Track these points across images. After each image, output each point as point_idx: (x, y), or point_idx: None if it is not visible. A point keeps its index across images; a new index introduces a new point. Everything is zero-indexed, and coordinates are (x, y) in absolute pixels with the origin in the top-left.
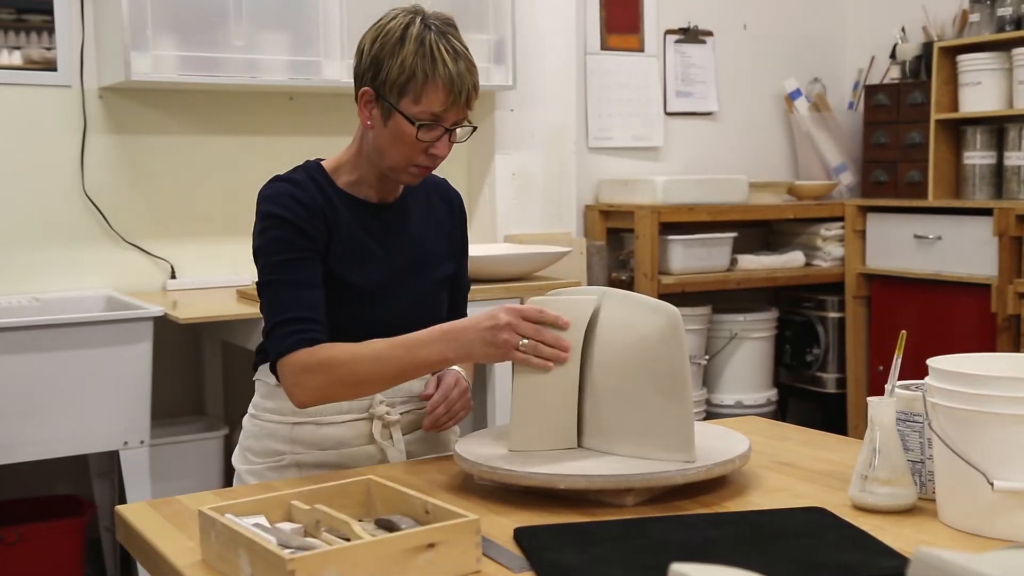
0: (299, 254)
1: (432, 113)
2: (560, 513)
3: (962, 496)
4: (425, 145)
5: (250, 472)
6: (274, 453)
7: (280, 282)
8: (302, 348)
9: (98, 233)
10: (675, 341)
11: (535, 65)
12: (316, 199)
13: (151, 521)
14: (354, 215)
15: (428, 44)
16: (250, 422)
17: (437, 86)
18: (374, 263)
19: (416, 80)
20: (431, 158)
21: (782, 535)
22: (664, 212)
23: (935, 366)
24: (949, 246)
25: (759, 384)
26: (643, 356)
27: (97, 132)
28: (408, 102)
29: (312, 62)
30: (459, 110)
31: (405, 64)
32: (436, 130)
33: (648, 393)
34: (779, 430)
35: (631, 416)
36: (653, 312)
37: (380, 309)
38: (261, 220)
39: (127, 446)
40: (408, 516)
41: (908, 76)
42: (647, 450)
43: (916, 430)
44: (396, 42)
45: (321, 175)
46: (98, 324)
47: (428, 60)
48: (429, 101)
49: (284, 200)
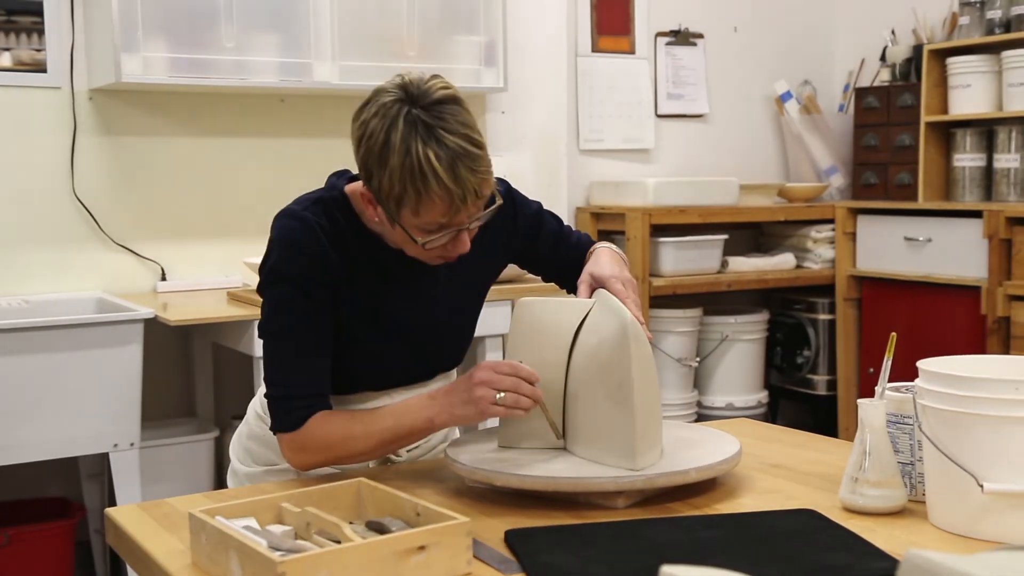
0: (304, 318)
1: (437, 223)
2: (551, 515)
3: (952, 498)
4: (439, 248)
5: (248, 476)
6: (274, 462)
7: (284, 349)
8: (299, 427)
9: (88, 235)
10: (623, 348)
11: (526, 67)
12: (327, 248)
13: (141, 524)
14: (373, 261)
15: (415, 155)
16: (256, 422)
17: (434, 200)
18: (393, 313)
19: (409, 196)
20: (451, 253)
21: (773, 537)
22: (655, 214)
23: (925, 368)
24: (939, 248)
25: (750, 386)
26: (599, 361)
27: (87, 134)
28: (408, 215)
29: (303, 64)
30: (469, 209)
31: (394, 179)
32: (447, 233)
33: (599, 398)
34: (770, 432)
35: (589, 420)
36: (612, 317)
37: (396, 359)
38: (266, 271)
39: (117, 448)
40: (399, 518)
41: (898, 78)
42: (600, 455)
43: (906, 432)
44: (380, 150)
45: (343, 209)
46: (88, 326)
47: (418, 176)
48: (430, 214)
49: (291, 251)
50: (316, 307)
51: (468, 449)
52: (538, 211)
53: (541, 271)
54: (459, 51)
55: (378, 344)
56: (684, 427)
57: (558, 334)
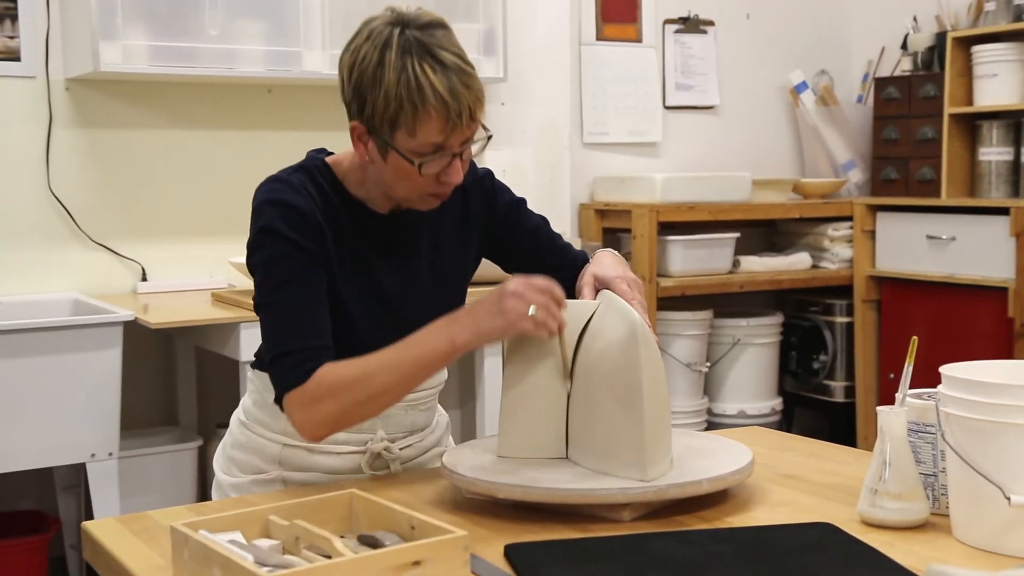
0: (298, 274)
1: (432, 143)
2: (553, 528)
3: (977, 511)
4: (433, 177)
5: (234, 487)
6: (260, 470)
7: (278, 307)
8: (307, 380)
9: (64, 233)
10: (632, 351)
11: (527, 56)
12: (314, 207)
13: (120, 538)
14: (359, 227)
15: (411, 69)
16: (239, 429)
17: (430, 115)
18: (380, 279)
19: (405, 113)
20: (443, 185)
21: (787, 552)
22: (663, 211)
23: (949, 374)
24: (963, 247)
25: (763, 393)
26: (606, 366)
27: (63, 126)
28: (403, 136)
29: (292, 52)
30: (463, 130)
31: (389, 96)
32: (442, 159)
33: (607, 405)
34: (784, 441)
35: (595, 428)
36: (620, 319)
37: (384, 328)
38: (255, 233)
39: (95, 458)
40: (393, 532)
41: (920, 68)
42: (607, 465)
43: (928, 441)
44: (375, 71)
45: (326, 176)
46: (64, 329)
47: (414, 88)
48: (426, 132)
49: (280, 209)
50: (311, 261)
51: (466, 459)
52: (519, 202)
53: (521, 268)
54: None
55: (367, 315)
56: (693, 436)
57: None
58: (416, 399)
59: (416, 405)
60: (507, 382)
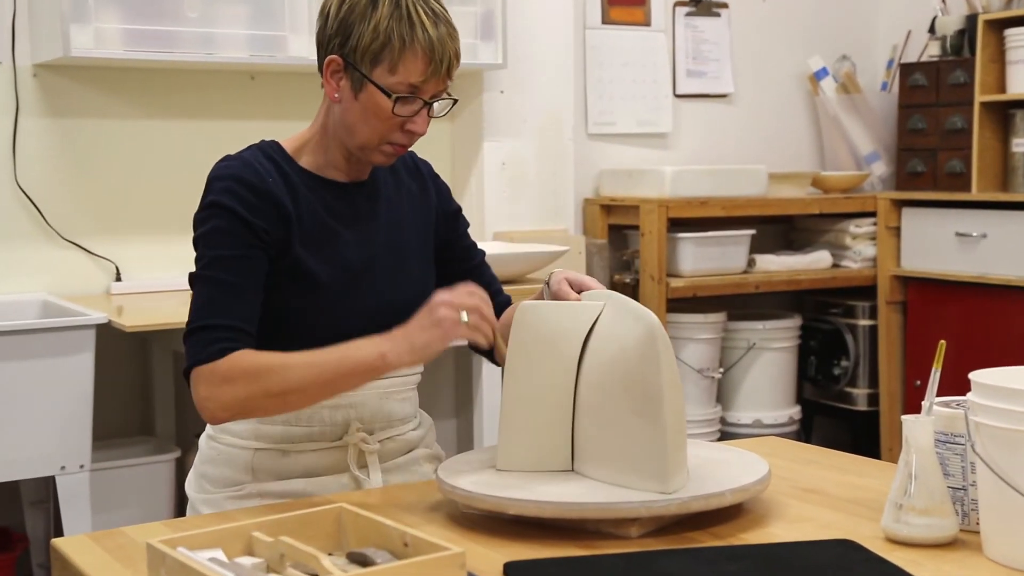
0: (239, 251)
1: (410, 84)
2: (555, 545)
3: (1009, 527)
4: (401, 120)
5: (205, 502)
6: (233, 482)
7: (213, 281)
8: (219, 358)
9: (32, 230)
10: (651, 355)
11: (528, 41)
12: (268, 181)
13: (92, 556)
14: (318, 196)
15: (405, 6)
16: (207, 444)
17: (416, 53)
18: (343, 249)
19: (392, 46)
20: (407, 135)
21: (806, 570)
22: (673, 206)
23: (979, 381)
24: (995, 245)
25: (780, 400)
26: (622, 371)
27: (31, 115)
28: (383, 71)
29: (276, 37)
30: (439, 81)
31: (379, 29)
32: (414, 103)
33: (625, 412)
34: (803, 452)
35: (609, 438)
36: (635, 321)
37: (353, 299)
38: (204, 207)
39: (64, 471)
40: (384, 549)
41: (949, 53)
42: (623, 477)
43: (957, 453)
44: (368, 3)
45: (279, 153)
46: (33, 332)
47: (406, 24)
48: (407, 70)
49: (230, 184)
50: (254, 242)
51: (463, 471)
52: (459, 211)
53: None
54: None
55: (332, 281)
56: (705, 446)
57: (566, 341)
58: (388, 386)
59: (390, 394)
60: (507, 389)
